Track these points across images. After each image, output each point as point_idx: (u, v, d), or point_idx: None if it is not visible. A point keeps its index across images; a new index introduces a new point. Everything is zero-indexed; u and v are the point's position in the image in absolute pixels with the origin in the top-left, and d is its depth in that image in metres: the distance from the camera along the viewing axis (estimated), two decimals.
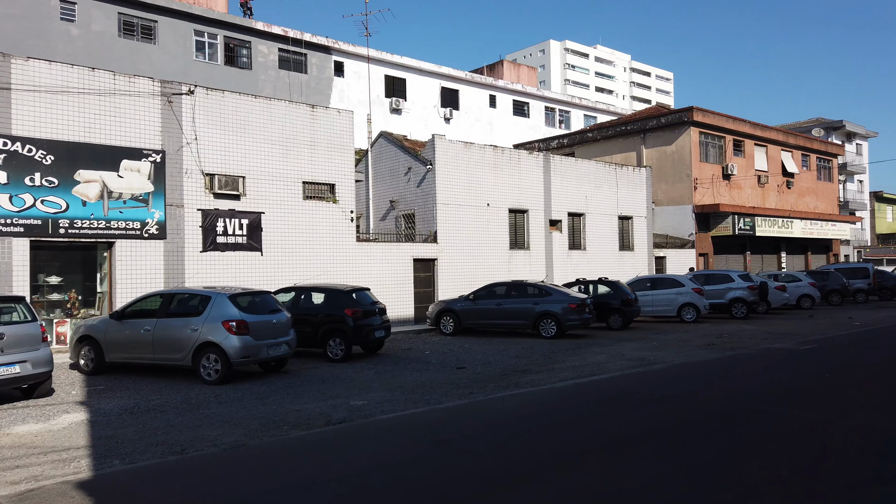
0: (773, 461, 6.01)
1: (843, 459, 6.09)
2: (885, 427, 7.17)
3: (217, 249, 15.96)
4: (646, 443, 6.71)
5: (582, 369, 11.72)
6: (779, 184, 35.46)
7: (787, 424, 7.37)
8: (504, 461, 6.17)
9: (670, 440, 6.79)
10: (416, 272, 20.14)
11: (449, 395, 9.50)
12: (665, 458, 6.16)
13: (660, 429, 7.29)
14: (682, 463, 6.02)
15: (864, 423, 7.35)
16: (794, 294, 25.75)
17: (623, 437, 6.98)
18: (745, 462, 6.03)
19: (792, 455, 6.22)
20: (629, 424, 7.52)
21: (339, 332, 12.97)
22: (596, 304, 18.95)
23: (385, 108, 34.30)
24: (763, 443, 6.65)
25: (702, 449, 6.47)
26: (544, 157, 24.21)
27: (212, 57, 28.78)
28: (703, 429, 7.26)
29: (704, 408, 8.29)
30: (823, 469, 5.84)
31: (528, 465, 6.02)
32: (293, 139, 17.45)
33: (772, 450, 6.39)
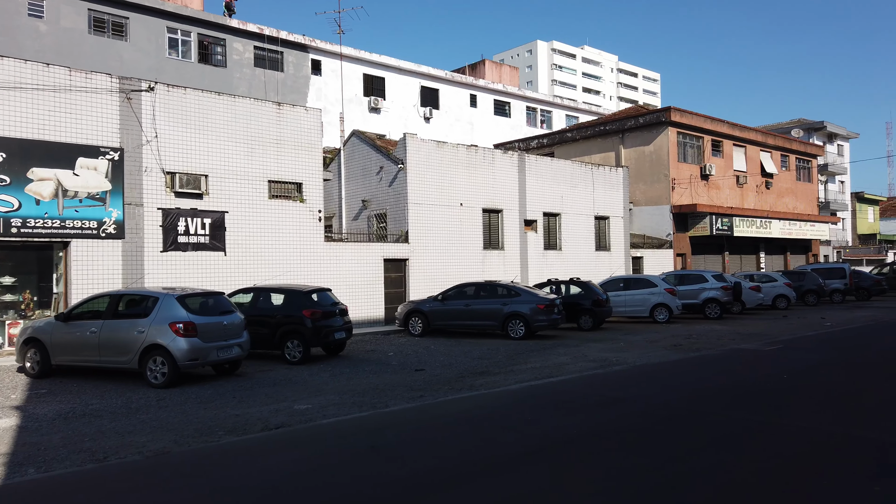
0: (697, 465, 5.85)
1: (773, 464, 5.93)
2: (827, 430, 7.03)
3: (178, 249, 15.65)
4: (579, 448, 6.52)
5: (541, 371, 11.55)
6: (758, 184, 35.53)
7: (728, 427, 7.22)
8: (430, 468, 5.96)
9: (605, 445, 6.61)
10: (386, 272, 19.91)
11: (398, 399, 9.28)
12: (594, 464, 5.97)
13: (599, 432, 7.11)
14: (609, 468, 5.84)
15: (809, 427, 7.20)
16: (770, 294, 25.73)
17: (559, 441, 6.79)
18: (670, 466, 5.85)
19: (719, 460, 6.06)
20: (569, 428, 7.34)
21: (297, 334, 12.72)
22: (567, 304, 18.81)
23: (364, 107, 34.04)
24: (696, 446, 6.49)
25: (633, 453, 6.29)
26: (519, 156, 24.06)
27: (185, 54, 28.40)
28: (643, 432, 7.09)
29: (651, 411, 8.13)
30: (747, 474, 5.67)
31: (454, 472, 5.82)
32: (259, 137, 17.17)
33: (702, 453, 6.23)
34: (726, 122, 33.32)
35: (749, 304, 24.02)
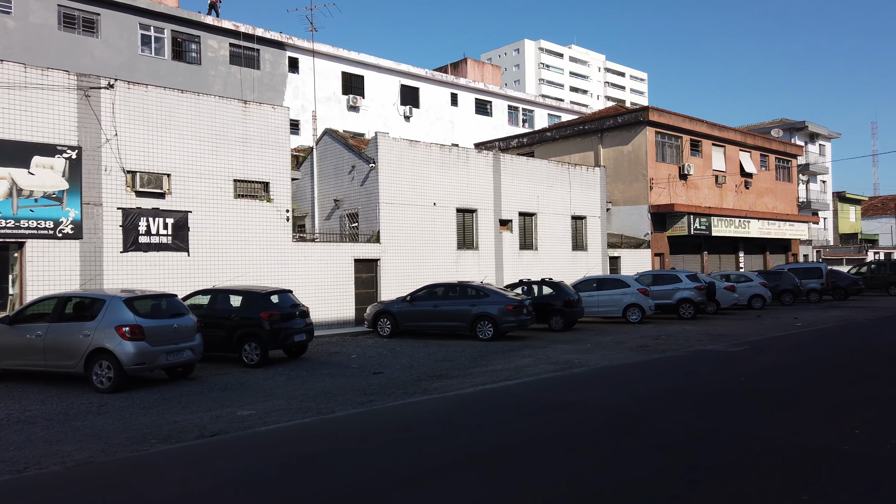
0: (629, 475, 5.71)
1: (706, 474, 5.80)
2: (770, 437, 6.91)
3: (139, 250, 15.36)
4: (513, 456, 6.37)
5: (500, 373, 11.40)
6: (737, 184, 35.61)
7: (672, 434, 7.09)
8: (356, 479, 5.78)
9: (542, 452, 6.46)
10: (357, 273, 19.69)
11: (347, 404, 9.09)
12: (523, 473, 5.81)
13: (540, 439, 6.96)
14: (537, 478, 5.68)
15: (753, 433, 7.09)
16: (746, 294, 25.76)
17: (497, 449, 6.63)
18: (601, 476, 5.71)
19: (654, 468, 5.92)
20: (511, 434, 7.18)
21: (255, 337, 12.49)
22: (538, 305, 18.68)
23: (342, 105, 33.78)
24: (634, 454, 6.35)
25: (567, 462, 6.14)
26: (494, 155, 23.90)
27: (158, 52, 28.01)
28: (584, 439, 6.95)
29: (598, 416, 7.99)
30: (680, 484, 5.54)
31: (377, 484, 5.64)
32: (224, 135, 16.89)
33: (639, 461, 6.09)
34: (705, 121, 33.35)
35: (724, 304, 24.02)
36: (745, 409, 8.30)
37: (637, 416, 7.96)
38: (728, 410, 8.25)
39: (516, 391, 9.78)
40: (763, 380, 10.46)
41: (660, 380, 10.79)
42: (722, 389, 9.70)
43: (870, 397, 8.89)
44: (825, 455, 6.26)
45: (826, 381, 10.18)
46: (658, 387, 10.07)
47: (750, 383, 10.16)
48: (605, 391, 9.77)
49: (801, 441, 6.74)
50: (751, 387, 9.88)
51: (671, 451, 6.46)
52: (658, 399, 9.04)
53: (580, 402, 8.86)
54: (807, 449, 6.46)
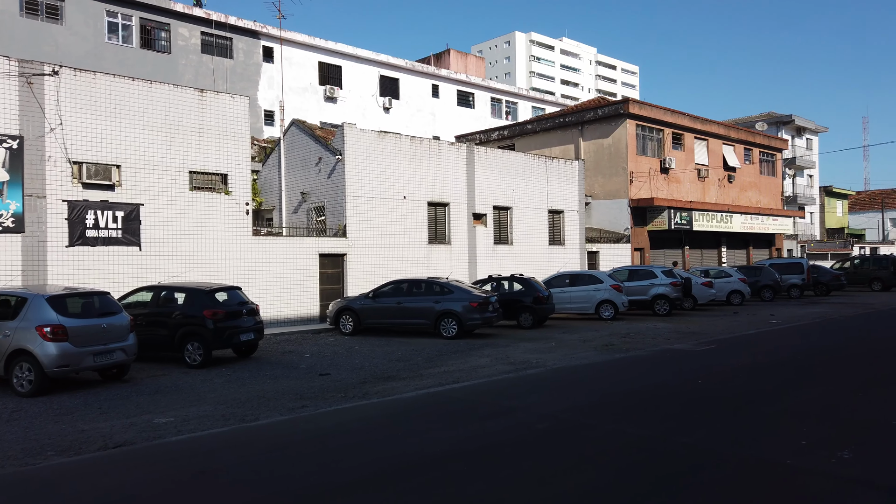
0: (551, 491, 5.21)
1: (631, 492, 5.32)
2: (708, 448, 6.44)
3: (86, 244, 14.74)
4: (426, 472, 5.86)
5: (451, 375, 10.90)
6: (720, 178, 35.19)
7: (609, 443, 6.61)
8: (257, 496, 5.25)
9: (459, 466, 5.95)
10: (322, 268, 19.13)
11: (276, 410, 8.57)
12: (431, 493, 5.31)
13: (463, 451, 6.45)
14: (444, 498, 5.18)
15: (692, 443, 6.61)
16: (724, 290, 25.36)
17: (411, 463, 6.12)
18: (519, 494, 5.21)
19: (578, 483, 5.43)
20: (434, 445, 6.68)
21: (198, 336, 11.93)
22: (506, 301, 18.22)
23: (319, 96, 33.11)
24: (563, 466, 5.86)
25: (484, 478, 5.64)
26: (467, 148, 23.34)
27: (126, 39, 27.24)
28: (512, 450, 6.45)
29: (537, 422, 7.49)
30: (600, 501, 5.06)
31: (280, 501, 5.13)
32: (179, 125, 16.25)
33: (565, 476, 5.60)
34: (687, 114, 32.87)
35: (701, 300, 23.60)
36: (693, 416, 7.83)
37: (578, 423, 7.48)
38: (675, 417, 7.78)
39: (460, 395, 9.28)
40: (721, 382, 10.01)
41: (615, 382, 10.32)
42: (676, 393, 9.24)
43: (826, 403, 8.44)
44: (762, 469, 5.78)
45: (784, 385, 9.73)
46: (611, 390, 9.60)
47: (706, 386, 9.71)
48: (553, 395, 9.28)
49: (741, 452, 6.27)
50: (706, 390, 9.42)
51: (605, 464, 5.98)
52: (606, 404, 8.57)
53: (523, 407, 8.37)
54: (744, 462, 5.99)
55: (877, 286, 34.39)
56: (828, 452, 6.23)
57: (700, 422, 7.54)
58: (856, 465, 5.87)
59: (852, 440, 6.66)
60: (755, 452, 6.30)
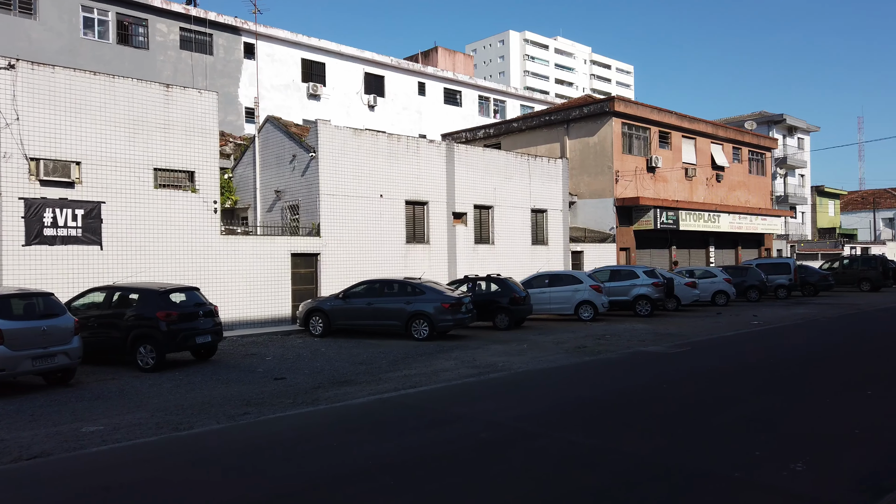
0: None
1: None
2: (654, 461, 6.05)
3: (44, 243, 14.30)
4: (362, 482, 5.47)
5: (410, 379, 10.50)
6: (708, 177, 34.87)
7: (548, 455, 6.22)
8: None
9: (389, 480, 5.56)
10: (295, 268, 18.71)
11: (216, 417, 8.16)
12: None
13: (390, 465, 6.04)
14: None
15: (639, 454, 6.23)
16: (709, 290, 25.02)
17: (341, 476, 5.72)
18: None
19: (504, 497, 5.05)
20: (370, 458, 6.27)
21: (150, 338, 11.51)
22: (483, 302, 17.84)
23: (302, 93, 32.67)
24: (492, 483, 5.46)
25: (410, 493, 5.24)
26: (447, 146, 22.94)
27: (102, 35, 26.76)
28: (448, 462, 6.06)
29: (483, 431, 7.10)
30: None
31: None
32: (143, 121, 15.82)
33: (490, 492, 5.20)
34: (675, 113, 32.53)
35: (685, 301, 23.24)
36: (649, 423, 7.45)
37: (525, 432, 7.08)
38: (629, 424, 7.40)
39: (412, 402, 8.88)
40: (685, 387, 9.64)
41: (577, 386, 9.94)
42: (636, 399, 8.86)
43: (791, 411, 8.07)
44: (705, 483, 5.40)
45: (751, 390, 9.35)
46: (570, 395, 9.22)
47: (670, 391, 9.34)
48: (508, 401, 8.89)
49: (689, 464, 5.90)
50: (668, 395, 9.04)
51: (534, 479, 5.58)
52: (560, 410, 8.18)
53: (472, 415, 7.98)
54: (690, 475, 5.61)
55: (865, 286, 34.11)
56: (781, 464, 5.85)
57: (654, 430, 7.16)
58: (806, 478, 5.50)
59: (809, 451, 6.29)
60: (704, 464, 5.93)
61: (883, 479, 5.47)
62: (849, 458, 6.15)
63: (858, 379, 10.04)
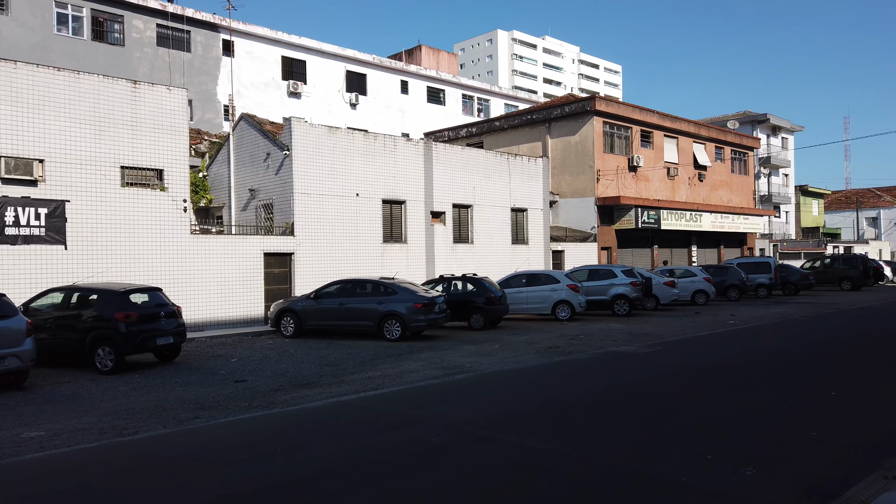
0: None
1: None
2: (605, 463, 5.90)
3: (5, 242, 13.97)
4: (302, 490, 5.27)
5: (373, 381, 10.31)
6: (690, 176, 34.89)
7: (497, 460, 6.06)
8: None
9: (327, 489, 5.37)
10: (268, 268, 18.45)
11: (165, 422, 7.93)
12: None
13: (342, 469, 5.86)
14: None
15: (591, 458, 6.08)
16: (689, 290, 24.99)
17: (284, 482, 5.53)
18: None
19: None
20: (316, 461, 6.08)
21: (109, 340, 11.24)
22: (458, 302, 17.69)
23: (282, 91, 32.37)
24: (436, 489, 5.29)
25: (356, 498, 5.07)
26: (425, 144, 22.76)
27: (77, 31, 26.36)
28: (392, 467, 5.87)
29: (434, 435, 6.93)
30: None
31: None
32: (109, 118, 15.51)
33: (429, 499, 5.04)
34: (656, 112, 32.51)
35: (664, 300, 23.19)
36: (607, 426, 7.30)
37: (478, 437, 6.91)
38: (586, 427, 7.25)
39: (370, 405, 8.69)
40: (650, 388, 9.51)
41: (541, 388, 9.79)
42: (598, 400, 8.72)
43: (752, 412, 7.96)
44: (652, 488, 5.26)
45: (716, 391, 9.25)
46: (532, 397, 9.06)
47: (634, 392, 9.21)
48: (468, 403, 8.73)
49: (639, 468, 5.75)
50: (632, 397, 8.91)
51: (477, 488, 5.41)
52: (519, 413, 8.02)
53: (427, 418, 7.80)
54: (638, 480, 5.46)
55: (846, 285, 34.29)
56: (730, 468, 5.72)
57: (611, 433, 7.02)
58: (753, 483, 5.37)
59: (763, 454, 6.16)
60: (654, 468, 5.78)
61: (830, 485, 5.35)
62: (800, 461, 6.03)
63: (826, 380, 9.96)
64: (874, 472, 5.64)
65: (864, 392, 9.01)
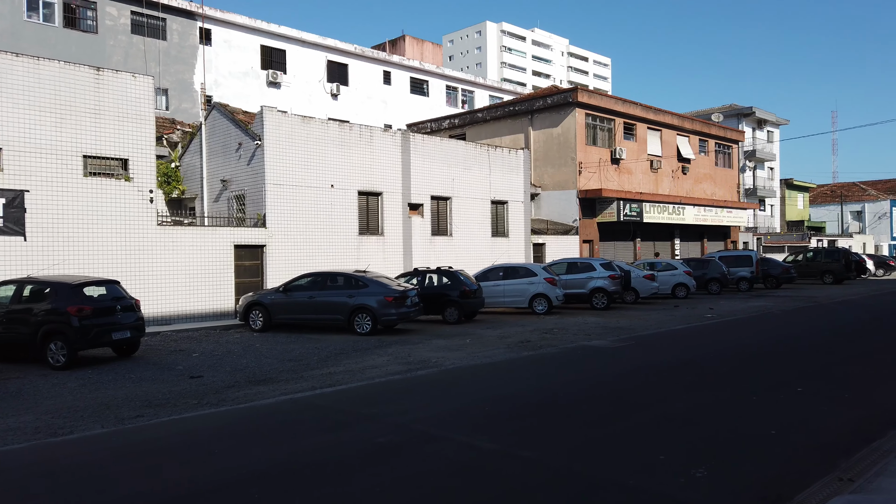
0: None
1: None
2: (551, 464, 5.65)
3: None
4: (226, 495, 4.98)
5: (333, 377, 10.02)
6: (673, 169, 34.73)
7: (440, 461, 5.79)
8: None
9: (261, 490, 5.07)
10: (239, 260, 18.08)
11: (106, 420, 7.61)
12: None
13: (275, 473, 5.57)
14: None
15: (538, 459, 5.82)
16: (669, 283, 24.83)
17: (209, 488, 5.24)
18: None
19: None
20: (249, 464, 5.79)
21: (61, 335, 10.86)
22: (432, 295, 17.39)
23: (261, 81, 31.84)
24: (370, 491, 5.01)
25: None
26: (402, 135, 22.39)
27: (48, 18, 25.70)
28: (329, 469, 5.59)
29: (381, 435, 6.64)
30: None
31: None
32: (71, 106, 15.05)
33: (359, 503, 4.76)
34: (639, 104, 32.28)
35: (643, 294, 23.04)
36: (560, 425, 7.05)
37: (426, 436, 6.64)
38: (539, 427, 6.99)
39: (323, 402, 8.39)
40: (613, 384, 9.29)
41: (503, 384, 9.53)
42: (560, 396, 8.47)
43: (713, 410, 7.74)
44: (594, 491, 5.00)
45: (679, 388, 9.02)
46: (491, 393, 8.80)
47: (597, 388, 8.98)
48: (425, 400, 8.45)
49: (586, 470, 5.50)
50: (594, 393, 8.68)
51: (412, 491, 5.13)
52: (473, 411, 7.75)
53: (380, 416, 7.52)
54: (581, 482, 5.21)
55: (828, 279, 34.34)
56: (681, 470, 5.48)
57: (564, 432, 6.77)
58: (702, 485, 5.13)
59: (718, 454, 5.94)
60: (601, 470, 5.53)
61: (783, 487, 5.12)
62: (756, 461, 5.80)
63: (794, 375, 9.76)
64: (830, 474, 5.43)
65: (831, 388, 8.82)
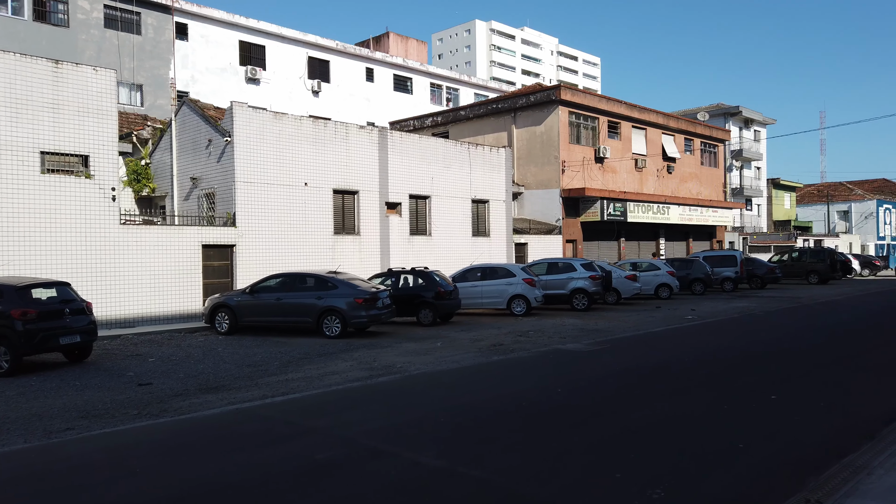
0: None
1: None
2: (498, 483, 5.19)
3: None
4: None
5: (289, 384, 9.53)
6: (658, 168, 34.43)
7: (379, 481, 5.32)
8: None
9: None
10: (207, 261, 17.53)
11: (31, 434, 7.09)
12: None
13: (188, 497, 5.09)
14: None
15: (484, 478, 5.37)
16: (652, 283, 24.50)
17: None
18: None
19: None
20: (167, 486, 5.30)
21: (4, 339, 10.31)
22: (406, 297, 16.93)
23: (240, 77, 31.23)
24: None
25: None
26: (379, 132, 21.89)
27: (17, 11, 24.99)
28: (252, 494, 5.11)
29: (324, 451, 6.17)
30: None
31: None
32: (27, 100, 14.45)
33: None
34: (624, 102, 31.94)
35: (625, 294, 22.67)
36: (515, 438, 6.61)
37: (373, 451, 6.17)
38: (494, 440, 6.54)
39: (271, 413, 7.90)
40: (581, 391, 8.86)
41: (465, 392, 9.08)
42: (520, 407, 8.02)
43: (682, 421, 7.32)
44: None
45: (650, 397, 8.60)
46: (449, 403, 8.34)
47: (560, 397, 8.54)
48: (379, 411, 7.97)
49: (534, 492, 5.06)
50: (557, 402, 8.24)
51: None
52: (429, 422, 7.30)
53: (327, 428, 7.05)
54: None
55: (813, 279, 34.20)
56: (637, 490, 5.05)
57: (518, 446, 6.32)
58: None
59: (679, 471, 5.51)
60: (550, 490, 5.09)
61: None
62: (719, 479, 5.38)
63: (770, 380, 9.38)
64: (797, 494, 5.02)
65: (807, 395, 8.43)
